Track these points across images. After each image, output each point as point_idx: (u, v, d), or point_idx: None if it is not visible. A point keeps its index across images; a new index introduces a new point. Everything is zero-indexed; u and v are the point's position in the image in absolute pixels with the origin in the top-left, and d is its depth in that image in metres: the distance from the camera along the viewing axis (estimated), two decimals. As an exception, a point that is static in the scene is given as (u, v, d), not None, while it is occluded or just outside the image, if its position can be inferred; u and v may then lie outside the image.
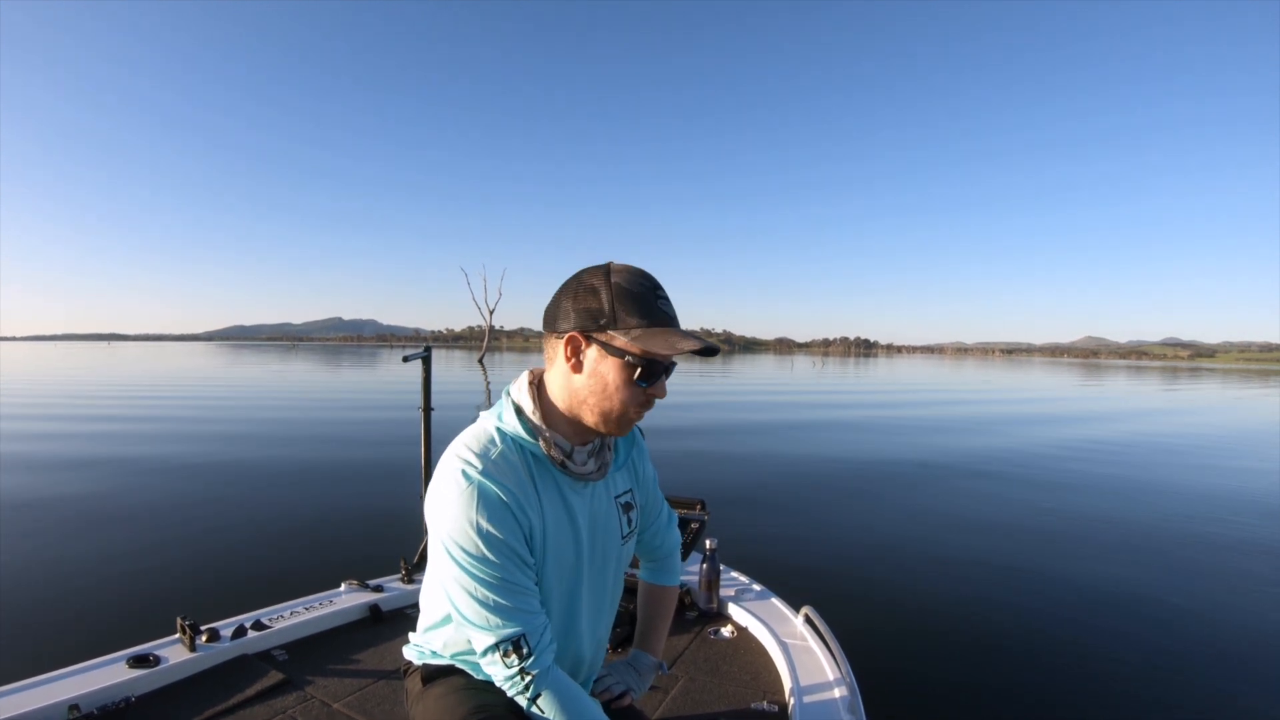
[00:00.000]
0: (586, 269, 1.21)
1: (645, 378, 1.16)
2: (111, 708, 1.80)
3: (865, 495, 7.20)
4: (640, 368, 1.14)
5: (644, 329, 1.14)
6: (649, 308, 1.15)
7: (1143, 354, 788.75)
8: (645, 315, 1.14)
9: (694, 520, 2.77)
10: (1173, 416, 18.24)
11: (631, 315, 1.14)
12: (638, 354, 1.14)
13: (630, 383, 1.16)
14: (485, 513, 1.11)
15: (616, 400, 1.17)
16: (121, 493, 6.54)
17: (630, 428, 1.24)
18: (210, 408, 15.52)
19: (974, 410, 18.81)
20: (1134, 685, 3.17)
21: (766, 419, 15.01)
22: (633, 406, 1.19)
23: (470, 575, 1.11)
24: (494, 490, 1.12)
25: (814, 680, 2.00)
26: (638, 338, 1.13)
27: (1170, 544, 5.51)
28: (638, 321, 1.14)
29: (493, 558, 1.11)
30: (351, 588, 2.57)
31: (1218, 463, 10.01)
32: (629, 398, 1.17)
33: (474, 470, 1.13)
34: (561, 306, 1.19)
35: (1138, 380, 45.52)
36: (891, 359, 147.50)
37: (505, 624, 1.12)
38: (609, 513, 1.34)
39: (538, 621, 1.16)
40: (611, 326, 1.15)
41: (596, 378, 1.17)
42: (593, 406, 1.19)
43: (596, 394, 1.18)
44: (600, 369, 1.17)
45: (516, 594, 1.13)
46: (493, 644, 1.13)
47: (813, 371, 48.11)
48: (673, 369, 1.20)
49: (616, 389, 1.17)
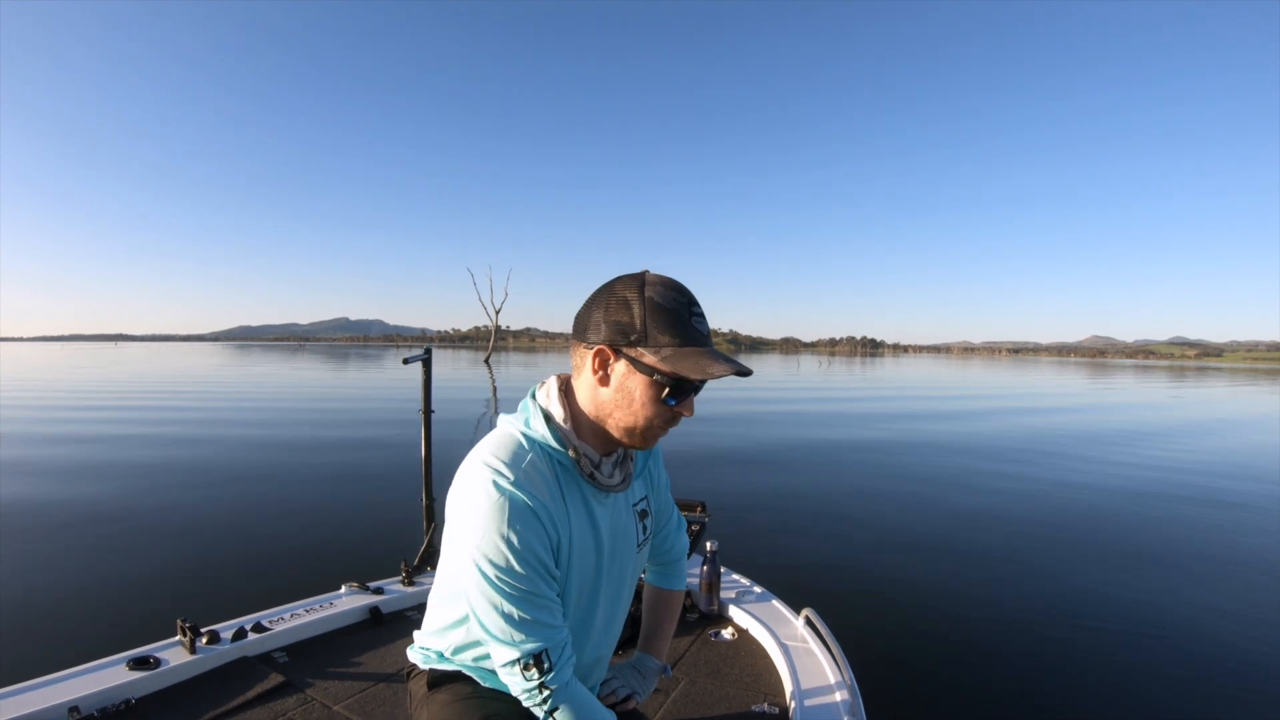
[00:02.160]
0: (620, 278, 1.17)
1: (673, 396, 1.13)
2: (112, 710, 1.80)
3: (866, 497, 7.17)
4: (669, 387, 1.12)
5: (675, 349, 1.11)
6: (682, 326, 1.11)
7: (1150, 353, 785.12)
8: (678, 334, 1.11)
9: (694, 522, 2.76)
10: (1179, 413, 18.16)
11: (664, 333, 1.11)
12: (667, 373, 1.11)
13: (657, 400, 1.14)
14: (517, 526, 1.08)
15: (642, 417, 1.16)
16: (122, 494, 6.56)
17: (654, 443, 1.22)
18: (212, 408, 15.57)
19: (977, 410, 18.74)
20: (1135, 686, 3.15)
21: (767, 419, 14.96)
22: (658, 423, 1.17)
23: (496, 588, 1.09)
24: (525, 502, 1.10)
25: (815, 682, 2.00)
26: (668, 357, 1.11)
27: (1180, 547, 5.48)
28: (669, 340, 1.11)
29: (521, 571, 1.09)
30: (352, 590, 2.57)
31: (1229, 464, 9.95)
32: (655, 415, 1.15)
33: (505, 481, 1.10)
34: (592, 317, 1.16)
35: (1145, 380, 45.28)
36: (898, 358, 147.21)
37: (529, 638, 1.10)
38: (627, 521, 1.33)
39: (560, 636, 1.14)
40: (642, 343, 1.11)
41: (623, 393, 1.15)
42: (618, 421, 1.18)
43: (622, 409, 1.16)
44: (628, 384, 1.15)
45: (541, 608, 1.12)
46: (514, 658, 1.11)
47: (818, 371, 48.02)
48: (701, 387, 1.17)
49: (643, 406, 1.15)
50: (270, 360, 52.78)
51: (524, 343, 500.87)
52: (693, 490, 3.17)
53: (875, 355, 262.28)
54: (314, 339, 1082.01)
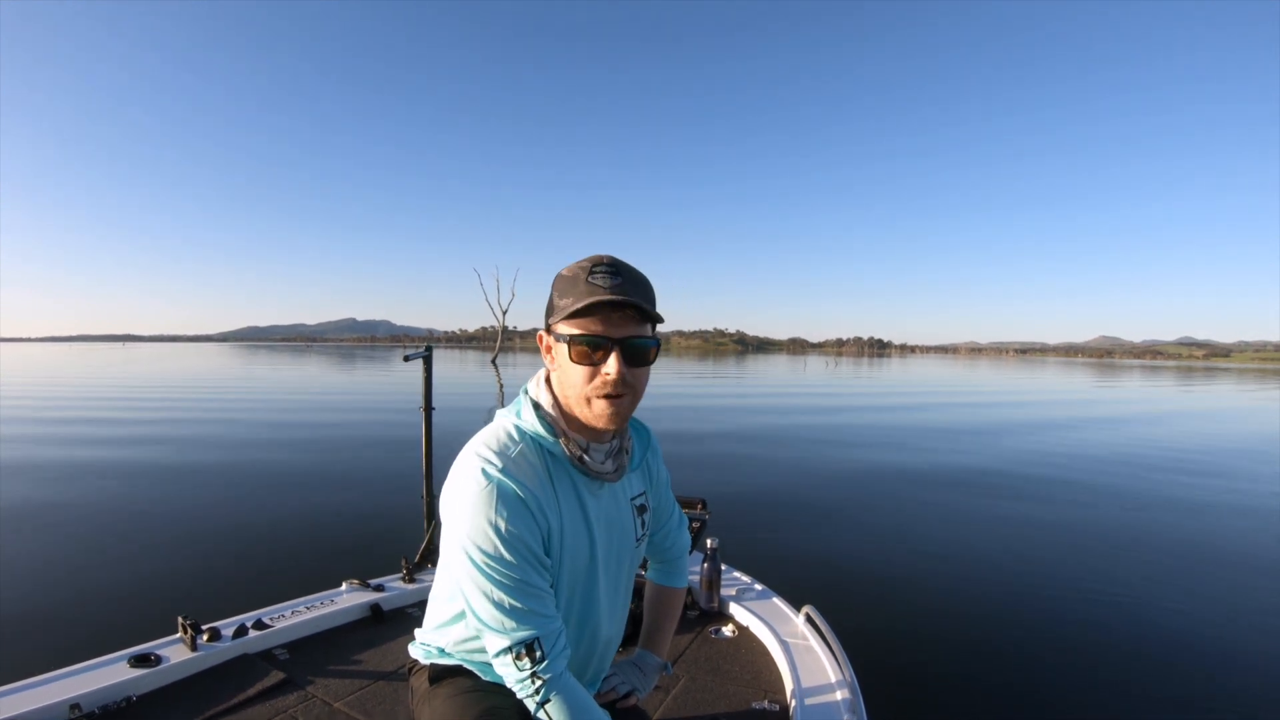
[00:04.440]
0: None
1: (584, 358, 1.14)
2: (113, 707, 1.81)
3: (867, 495, 7.16)
4: (576, 346, 1.14)
5: (575, 307, 1.12)
6: (578, 286, 1.13)
7: (1157, 353, 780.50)
8: (575, 294, 1.13)
9: (695, 519, 2.76)
10: (1188, 414, 18.05)
11: (565, 297, 1.14)
12: (566, 334, 1.14)
13: (576, 363, 1.15)
14: (505, 512, 1.10)
15: (572, 385, 1.17)
16: (123, 492, 6.59)
17: (613, 418, 1.16)
18: (214, 408, 15.59)
19: (980, 410, 18.68)
20: (1136, 687, 3.13)
21: (768, 418, 14.93)
22: (587, 388, 1.15)
23: (486, 576, 1.10)
24: (513, 489, 1.11)
25: (815, 680, 2.00)
26: (569, 317, 1.14)
27: (1183, 549, 5.45)
28: (569, 302, 1.13)
29: (510, 558, 1.10)
30: (353, 587, 2.58)
31: (1235, 468, 9.88)
32: (579, 379, 1.16)
33: (494, 469, 1.12)
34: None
35: (1152, 380, 45.04)
36: (905, 359, 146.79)
37: (520, 626, 1.11)
38: (623, 515, 1.33)
39: (553, 626, 1.14)
40: (552, 315, 1.17)
41: (560, 370, 1.19)
42: (567, 398, 1.20)
43: (564, 385, 1.19)
44: (560, 360, 1.18)
45: (532, 596, 1.12)
46: (506, 646, 1.12)
47: (825, 371, 47.91)
48: (615, 345, 1.13)
49: (569, 374, 1.17)
50: (276, 360, 52.94)
51: (531, 343, 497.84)
52: (693, 487, 3.17)
53: (882, 355, 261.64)
54: (321, 339, 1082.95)
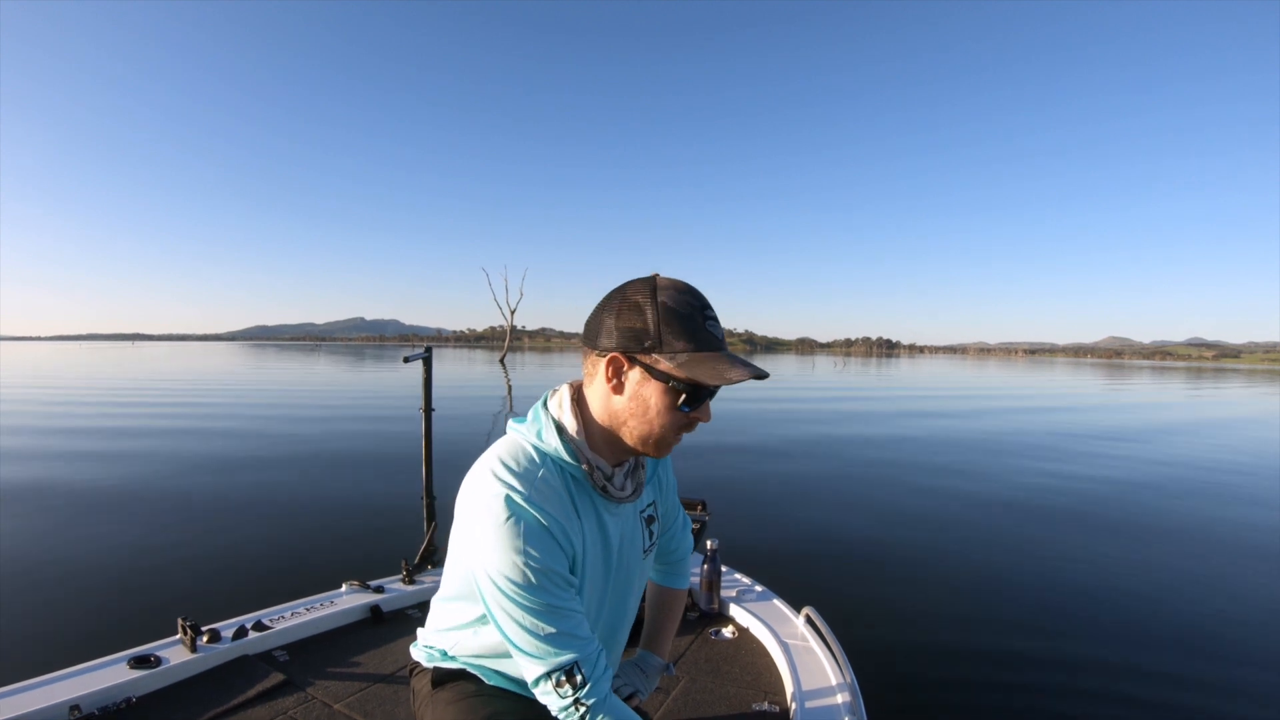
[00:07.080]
0: (631, 283, 1.14)
1: (689, 403, 1.11)
2: (112, 708, 1.81)
3: (867, 496, 7.13)
4: (684, 393, 1.10)
5: (690, 354, 1.08)
6: (696, 331, 1.09)
7: (1166, 354, 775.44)
8: (692, 339, 1.08)
9: (695, 520, 2.76)
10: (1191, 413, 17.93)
11: (678, 339, 1.08)
12: (683, 379, 1.09)
13: (674, 408, 1.11)
14: (533, 543, 1.07)
15: (658, 425, 1.13)
16: (123, 492, 6.60)
17: (669, 451, 1.19)
18: (215, 408, 15.60)
19: (982, 410, 18.57)
20: (1137, 687, 3.11)
21: (768, 418, 14.87)
22: (674, 431, 1.15)
23: (519, 605, 1.07)
24: (539, 519, 1.08)
25: (815, 681, 1.99)
26: (684, 363, 1.08)
27: (1186, 550, 5.40)
28: (684, 345, 1.08)
29: (541, 586, 1.07)
30: (353, 588, 2.58)
31: (1239, 467, 9.80)
32: (671, 422, 1.13)
33: (518, 496, 1.08)
34: (604, 323, 1.13)
35: (1161, 381, 44.76)
36: (914, 359, 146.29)
37: (559, 652, 1.08)
38: (635, 529, 1.31)
39: (591, 648, 1.12)
40: (656, 349, 1.09)
41: (638, 400, 1.13)
42: (633, 429, 1.15)
43: (637, 417, 1.14)
44: (642, 392, 1.12)
45: (566, 619, 1.10)
46: (545, 672, 1.09)
47: (833, 371, 47.79)
48: (717, 392, 1.15)
49: (659, 413, 1.12)
50: (285, 360, 53.09)
51: (539, 343, 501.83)
52: (694, 488, 3.16)
53: (891, 356, 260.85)
54: (330, 339, 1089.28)
